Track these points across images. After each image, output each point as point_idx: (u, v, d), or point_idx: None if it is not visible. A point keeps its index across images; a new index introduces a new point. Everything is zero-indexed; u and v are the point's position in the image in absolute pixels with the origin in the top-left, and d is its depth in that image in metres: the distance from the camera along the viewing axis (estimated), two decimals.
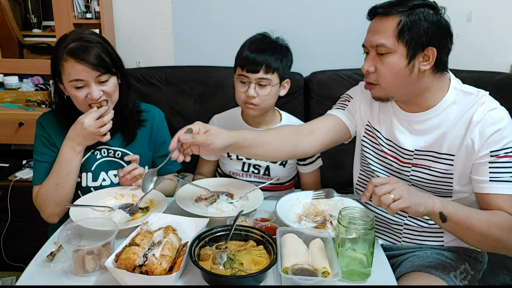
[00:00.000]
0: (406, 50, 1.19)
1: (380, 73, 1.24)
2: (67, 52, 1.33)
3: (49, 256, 1.12)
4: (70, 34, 1.39)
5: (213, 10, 2.23)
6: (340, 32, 2.19)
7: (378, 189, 1.08)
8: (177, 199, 1.38)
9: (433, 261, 1.31)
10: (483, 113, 1.21)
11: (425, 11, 1.19)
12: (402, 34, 1.18)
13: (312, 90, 2.14)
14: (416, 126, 1.31)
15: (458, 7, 2.16)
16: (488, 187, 1.21)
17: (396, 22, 1.19)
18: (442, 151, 1.28)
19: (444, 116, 1.27)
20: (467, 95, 1.26)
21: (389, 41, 1.20)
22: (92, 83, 1.35)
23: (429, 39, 1.19)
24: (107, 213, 1.30)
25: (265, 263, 1.07)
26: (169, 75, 2.15)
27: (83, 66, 1.32)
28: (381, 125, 1.40)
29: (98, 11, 2.14)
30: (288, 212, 1.33)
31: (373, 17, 1.26)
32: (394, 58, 1.20)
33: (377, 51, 1.23)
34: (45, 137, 1.44)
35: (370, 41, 1.24)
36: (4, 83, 2.27)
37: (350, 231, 1.06)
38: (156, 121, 1.60)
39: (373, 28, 1.24)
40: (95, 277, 1.06)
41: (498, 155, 1.19)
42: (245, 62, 1.52)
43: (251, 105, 1.55)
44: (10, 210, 2.09)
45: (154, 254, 1.01)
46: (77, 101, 1.38)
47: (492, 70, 2.12)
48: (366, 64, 1.26)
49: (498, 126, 1.20)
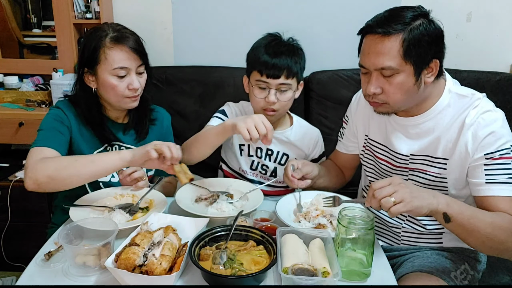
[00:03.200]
0: (414, 68, 1.15)
1: (388, 93, 1.20)
2: (112, 39, 1.35)
3: (46, 255, 1.12)
4: (103, 26, 1.41)
5: (213, 10, 2.23)
6: (340, 32, 2.19)
7: (378, 193, 1.05)
8: (177, 199, 1.38)
9: (433, 261, 1.31)
10: (476, 116, 1.20)
11: (423, 24, 1.15)
12: (409, 53, 1.14)
13: (312, 90, 2.13)
14: (411, 130, 1.30)
15: (458, 7, 2.17)
16: (485, 189, 1.19)
17: (399, 42, 1.13)
18: (437, 155, 1.27)
19: (439, 119, 1.26)
20: (461, 98, 1.25)
21: (396, 62, 1.15)
22: (133, 72, 1.38)
23: (433, 52, 1.17)
24: (107, 213, 1.30)
25: (265, 263, 1.07)
26: (169, 75, 2.15)
27: (129, 53, 1.36)
28: (377, 134, 1.40)
29: (98, 11, 2.14)
30: (288, 212, 1.33)
31: (366, 35, 1.20)
32: (402, 78, 1.16)
33: (382, 73, 1.18)
34: (61, 117, 1.40)
35: (373, 64, 1.18)
36: (4, 83, 2.26)
37: (350, 231, 1.06)
38: (165, 122, 1.64)
39: (374, 49, 1.17)
40: (95, 277, 1.06)
41: (493, 157, 1.18)
42: (265, 67, 1.47)
43: (271, 112, 1.52)
44: (10, 210, 2.09)
45: (154, 254, 1.01)
46: (115, 91, 1.38)
47: (492, 70, 2.12)
48: (372, 86, 1.20)
49: (491, 129, 1.18)
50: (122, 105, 1.44)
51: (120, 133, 1.51)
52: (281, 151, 1.66)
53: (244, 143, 1.66)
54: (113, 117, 1.51)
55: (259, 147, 1.66)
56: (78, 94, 1.46)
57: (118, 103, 1.42)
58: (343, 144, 1.58)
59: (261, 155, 1.66)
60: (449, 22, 2.24)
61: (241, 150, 1.68)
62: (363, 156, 1.50)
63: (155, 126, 1.59)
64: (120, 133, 1.51)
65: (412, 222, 1.38)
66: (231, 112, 1.67)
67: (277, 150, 1.66)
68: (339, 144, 1.61)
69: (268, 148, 1.65)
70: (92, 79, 1.41)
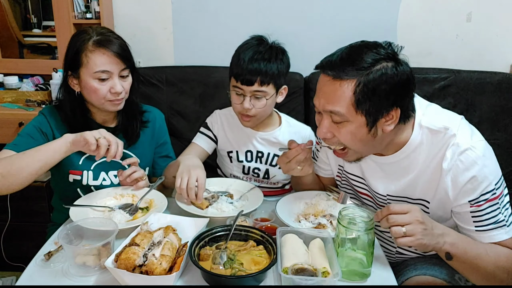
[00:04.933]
0: (366, 120, 1.05)
1: (341, 139, 1.11)
2: (94, 42, 1.35)
3: (45, 255, 1.12)
4: (88, 29, 1.40)
5: (213, 10, 2.23)
6: (340, 32, 2.19)
7: (392, 218, 1.01)
8: (177, 199, 1.38)
9: (437, 263, 1.29)
10: (453, 159, 1.09)
11: (383, 69, 1.02)
12: (360, 104, 1.03)
13: (312, 90, 2.13)
14: (387, 168, 1.23)
15: (458, 7, 2.17)
16: (477, 236, 1.13)
17: (351, 90, 1.02)
18: (415, 196, 1.21)
19: (413, 158, 1.17)
20: (434, 133, 1.13)
21: (345, 110, 1.04)
22: (115, 76, 1.38)
23: (391, 102, 1.05)
24: (107, 213, 1.30)
25: (265, 263, 1.07)
26: (169, 75, 2.15)
27: (111, 57, 1.35)
28: (354, 167, 1.33)
29: (98, 11, 2.14)
30: (288, 212, 1.33)
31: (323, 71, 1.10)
32: (353, 127, 1.07)
33: (331, 118, 1.09)
34: (41, 124, 1.42)
35: (322, 105, 1.09)
36: (4, 83, 2.27)
37: (350, 231, 1.06)
38: (157, 122, 1.62)
39: (325, 92, 1.07)
40: (95, 277, 1.06)
41: (478, 203, 1.10)
42: (239, 73, 1.45)
43: (247, 117, 1.52)
44: (10, 210, 2.09)
45: (154, 254, 1.01)
46: (97, 95, 1.38)
47: (492, 70, 2.12)
48: (321, 131, 1.12)
49: (472, 173, 1.08)
50: (106, 108, 1.43)
51: None
52: (272, 152, 1.64)
53: (232, 150, 1.66)
54: (100, 121, 1.49)
55: (249, 150, 1.65)
56: (64, 97, 1.45)
57: (101, 105, 1.42)
58: (318, 166, 1.48)
59: (251, 159, 1.66)
60: (449, 22, 2.26)
61: (230, 157, 1.68)
62: (340, 184, 1.43)
63: (146, 129, 1.58)
64: None
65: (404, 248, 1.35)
66: (216, 122, 1.68)
67: (267, 152, 1.64)
68: (315, 166, 1.47)
69: (258, 151, 1.64)
70: (75, 82, 1.41)
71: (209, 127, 1.68)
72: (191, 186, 1.29)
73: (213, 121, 1.69)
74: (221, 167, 1.76)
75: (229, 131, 1.66)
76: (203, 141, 1.66)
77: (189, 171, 1.31)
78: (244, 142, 1.65)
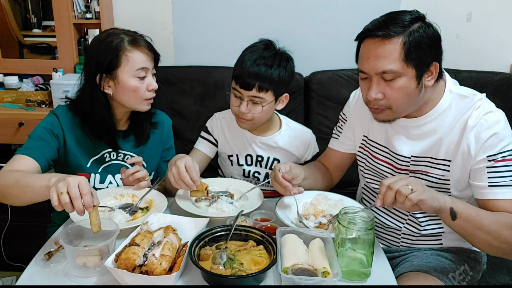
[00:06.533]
0: (415, 71, 1.14)
1: (390, 98, 1.18)
2: (130, 42, 1.37)
3: (46, 255, 1.12)
4: (113, 32, 1.41)
5: (213, 10, 2.23)
6: (340, 32, 2.19)
7: (394, 184, 1.06)
8: (177, 199, 1.38)
9: (432, 261, 1.31)
10: (478, 117, 1.19)
11: (422, 27, 1.14)
12: (410, 56, 1.13)
13: (312, 90, 2.14)
14: (413, 131, 1.29)
15: (458, 7, 2.17)
16: (488, 192, 1.19)
17: (400, 45, 1.12)
18: (439, 156, 1.27)
19: (440, 120, 1.25)
20: (462, 98, 1.24)
21: (397, 66, 1.13)
22: (150, 73, 1.42)
23: (433, 55, 1.16)
24: (107, 213, 1.30)
25: (265, 263, 1.07)
26: (169, 75, 2.15)
27: (148, 54, 1.39)
28: (378, 135, 1.39)
29: (98, 11, 2.14)
30: (288, 212, 1.33)
31: (365, 39, 1.19)
32: (404, 82, 1.15)
33: (383, 77, 1.16)
34: (52, 126, 1.40)
35: (373, 68, 1.16)
36: (4, 83, 2.26)
37: (350, 231, 1.06)
38: (166, 127, 1.63)
39: (375, 53, 1.15)
40: (95, 277, 1.06)
41: (496, 159, 1.18)
42: (239, 76, 1.45)
43: (243, 120, 1.52)
44: (10, 210, 2.09)
45: (154, 254, 1.01)
46: (136, 94, 1.39)
47: (492, 70, 2.12)
48: (373, 92, 1.18)
49: (494, 130, 1.18)
50: (141, 107, 1.43)
51: (120, 139, 1.50)
52: (271, 156, 1.64)
53: (232, 154, 1.66)
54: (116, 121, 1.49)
55: (249, 155, 1.65)
56: (86, 100, 1.42)
57: (137, 105, 1.42)
58: (339, 142, 1.54)
59: (251, 163, 1.65)
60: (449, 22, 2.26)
61: (230, 160, 1.67)
62: (360, 157, 1.48)
63: (156, 130, 1.58)
64: (120, 139, 1.50)
65: (412, 225, 1.38)
66: (216, 126, 1.68)
67: (267, 156, 1.64)
68: (334, 143, 1.55)
69: (257, 155, 1.64)
70: (110, 85, 1.39)
71: (209, 131, 1.68)
72: (184, 174, 1.28)
73: (213, 125, 1.69)
74: (222, 169, 1.76)
75: (229, 135, 1.66)
76: (205, 146, 1.67)
77: (175, 163, 1.31)
78: (244, 146, 1.65)
